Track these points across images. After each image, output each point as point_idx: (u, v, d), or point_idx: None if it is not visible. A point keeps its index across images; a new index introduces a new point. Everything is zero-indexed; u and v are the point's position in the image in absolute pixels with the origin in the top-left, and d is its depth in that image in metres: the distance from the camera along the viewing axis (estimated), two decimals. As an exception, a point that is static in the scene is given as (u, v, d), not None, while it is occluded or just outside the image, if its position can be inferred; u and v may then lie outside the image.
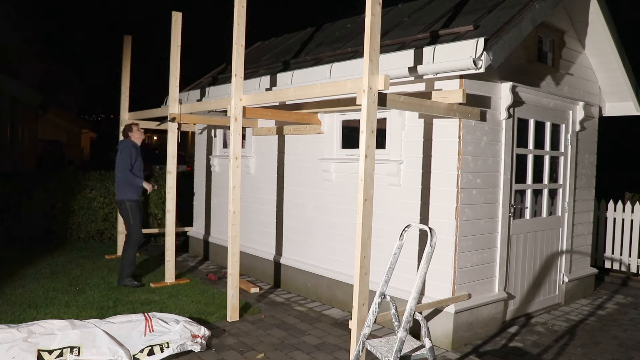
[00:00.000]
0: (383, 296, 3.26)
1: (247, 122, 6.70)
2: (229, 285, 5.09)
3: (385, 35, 5.53)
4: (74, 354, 3.82)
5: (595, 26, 5.79)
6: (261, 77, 6.35)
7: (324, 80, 5.30)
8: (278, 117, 5.57)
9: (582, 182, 6.19)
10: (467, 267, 4.64)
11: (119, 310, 5.14)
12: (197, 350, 4.19)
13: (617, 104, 6.50)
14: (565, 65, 5.80)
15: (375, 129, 3.67)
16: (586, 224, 6.34)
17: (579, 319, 5.45)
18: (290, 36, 8.53)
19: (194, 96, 7.81)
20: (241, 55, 5.00)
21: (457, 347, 4.52)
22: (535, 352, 4.48)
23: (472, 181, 4.64)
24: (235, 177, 5.09)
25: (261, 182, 6.92)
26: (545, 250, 5.67)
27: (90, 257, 7.63)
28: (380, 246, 4.93)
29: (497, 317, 4.94)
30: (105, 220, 8.80)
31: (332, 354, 4.32)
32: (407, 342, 3.11)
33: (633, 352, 4.55)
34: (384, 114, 5.10)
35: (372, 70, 3.60)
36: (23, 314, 4.96)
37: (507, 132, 4.94)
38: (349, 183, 5.55)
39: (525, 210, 5.36)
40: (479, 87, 4.63)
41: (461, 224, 4.54)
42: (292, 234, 6.37)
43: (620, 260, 7.33)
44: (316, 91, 4.27)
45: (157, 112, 7.12)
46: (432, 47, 4.35)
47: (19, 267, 6.83)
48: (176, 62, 6.27)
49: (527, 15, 4.53)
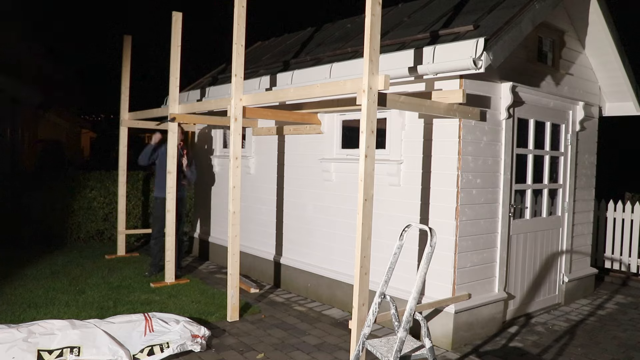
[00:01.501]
0: (383, 296, 3.26)
1: (247, 122, 6.70)
2: (229, 285, 5.09)
3: (385, 35, 5.53)
4: (74, 354, 3.82)
5: (596, 26, 5.78)
6: (261, 77, 6.35)
7: (324, 80, 5.30)
8: (278, 117, 5.57)
9: (582, 182, 6.18)
10: (467, 267, 4.64)
11: (119, 310, 5.14)
12: (197, 350, 4.19)
13: (617, 104, 6.50)
14: (565, 65, 5.80)
15: (375, 129, 3.67)
16: (586, 224, 6.34)
17: (579, 319, 5.45)
18: (290, 36, 8.53)
19: (194, 96, 7.81)
20: (241, 55, 5.00)
21: (457, 347, 4.52)
22: (535, 352, 4.48)
23: (472, 181, 4.64)
24: (235, 177, 5.09)
25: (261, 182, 6.92)
26: (545, 250, 5.67)
27: (90, 257, 7.63)
28: (380, 246, 4.93)
29: (497, 317, 4.94)
30: (105, 220, 8.80)
31: (332, 354, 4.32)
32: (407, 342, 3.11)
33: (633, 352, 4.55)
34: (384, 114, 5.09)
35: (372, 70, 3.60)
36: (23, 313, 4.96)
37: (507, 132, 4.94)
38: (349, 183, 5.55)
39: (525, 210, 5.36)
40: (479, 87, 4.63)
41: (461, 224, 4.54)
42: (292, 234, 6.37)
43: (620, 260, 7.33)
44: (316, 91, 4.27)
45: (157, 112, 7.12)
46: (432, 47, 4.35)
47: (19, 267, 6.83)
48: (176, 62, 6.27)
49: (527, 15, 4.53)
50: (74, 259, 7.48)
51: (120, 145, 7.87)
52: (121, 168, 7.91)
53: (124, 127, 7.82)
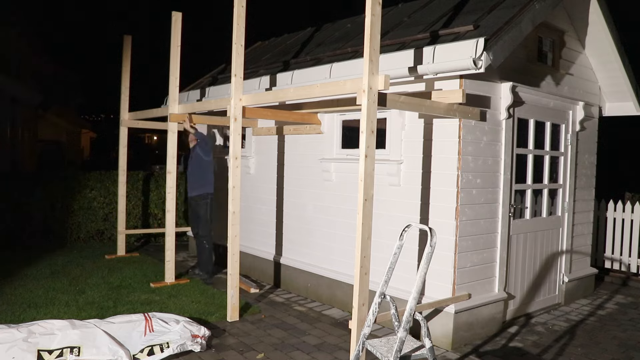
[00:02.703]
0: (383, 296, 3.26)
1: (247, 122, 6.70)
2: (229, 285, 5.09)
3: (385, 35, 5.53)
4: (74, 354, 3.81)
5: (596, 26, 5.78)
6: (261, 77, 6.35)
7: (324, 80, 5.30)
8: (278, 117, 5.57)
9: (582, 182, 6.18)
10: (467, 267, 4.64)
11: (119, 310, 5.14)
12: (197, 350, 4.19)
13: (617, 104, 6.50)
14: (565, 65, 5.80)
15: (375, 129, 3.67)
16: (586, 224, 6.34)
17: (579, 319, 5.45)
18: (290, 36, 8.52)
19: (194, 96, 7.81)
20: (241, 55, 5.00)
21: (457, 347, 4.52)
22: (535, 352, 4.48)
23: (472, 181, 4.64)
24: (235, 177, 5.09)
25: (261, 182, 6.91)
26: (545, 250, 5.67)
27: (90, 257, 7.63)
28: (380, 246, 4.93)
29: (497, 317, 4.94)
30: (105, 220, 8.80)
31: (332, 354, 4.32)
32: (407, 342, 3.11)
33: (633, 352, 4.55)
34: (384, 114, 5.09)
35: (372, 70, 3.60)
36: (23, 313, 4.96)
37: (507, 132, 4.94)
38: (349, 183, 5.55)
39: (525, 210, 5.36)
40: (479, 87, 4.63)
41: (461, 224, 4.54)
42: (292, 234, 6.37)
43: (620, 260, 7.33)
44: (316, 91, 4.27)
45: (157, 112, 7.12)
46: (432, 47, 4.35)
47: (19, 267, 6.83)
48: (176, 62, 6.27)
49: (527, 15, 4.53)
50: (74, 259, 7.48)
51: (120, 145, 7.87)
52: (121, 168, 7.91)
53: (123, 127, 7.82)
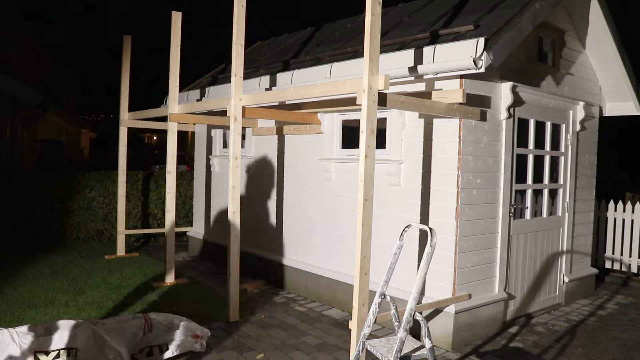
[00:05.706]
0: (383, 296, 3.26)
1: (247, 122, 6.70)
2: (229, 286, 5.08)
3: (385, 35, 5.52)
4: (71, 355, 3.80)
5: (596, 26, 5.78)
6: (261, 77, 6.34)
7: (324, 80, 5.30)
8: (278, 117, 5.56)
9: (583, 182, 6.18)
10: (468, 267, 4.64)
11: (118, 311, 5.13)
12: (197, 350, 4.18)
13: (617, 104, 6.49)
14: (565, 65, 5.79)
15: (375, 129, 3.67)
16: (586, 224, 6.33)
17: (579, 319, 5.44)
18: (290, 36, 8.52)
19: (193, 96, 7.80)
20: (241, 55, 5.00)
21: (457, 347, 4.51)
22: (536, 352, 4.47)
23: (473, 181, 4.63)
24: (235, 177, 5.08)
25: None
26: (546, 251, 5.66)
27: (90, 257, 7.62)
28: (381, 246, 4.92)
29: (497, 317, 4.94)
30: (105, 220, 8.79)
31: (332, 354, 4.31)
32: (407, 343, 3.11)
33: (633, 352, 4.55)
34: (384, 114, 5.09)
35: (372, 70, 3.59)
36: (23, 314, 4.95)
37: (507, 132, 4.93)
38: (349, 183, 5.55)
39: (526, 210, 5.35)
40: (479, 87, 4.63)
41: (461, 224, 4.54)
42: (292, 234, 6.36)
43: (621, 261, 7.32)
44: (316, 91, 4.27)
45: (157, 112, 7.11)
46: (432, 47, 4.34)
47: (19, 267, 6.82)
48: (176, 62, 6.26)
49: (527, 15, 4.52)
50: (73, 259, 7.47)
51: (120, 145, 7.87)
52: (121, 168, 7.91)
53: (123, 127, 7.82)
